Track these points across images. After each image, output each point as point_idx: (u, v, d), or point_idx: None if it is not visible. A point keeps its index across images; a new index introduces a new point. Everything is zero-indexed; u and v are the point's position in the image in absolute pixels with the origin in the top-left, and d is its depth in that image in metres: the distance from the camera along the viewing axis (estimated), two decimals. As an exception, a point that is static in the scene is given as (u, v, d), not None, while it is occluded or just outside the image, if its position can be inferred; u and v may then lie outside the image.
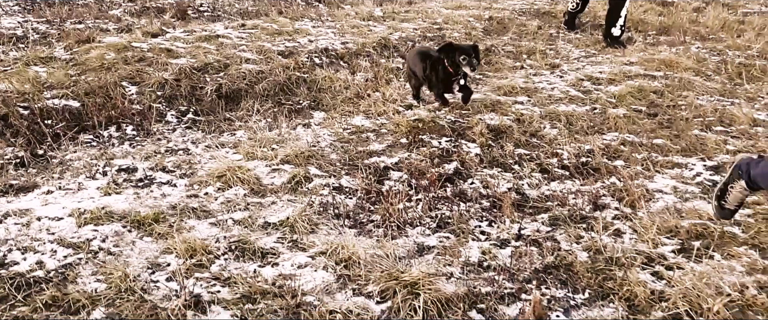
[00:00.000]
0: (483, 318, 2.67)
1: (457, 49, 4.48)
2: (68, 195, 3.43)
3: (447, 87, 4.72)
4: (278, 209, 3.47)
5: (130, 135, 4.57)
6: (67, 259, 2.81)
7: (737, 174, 3.15)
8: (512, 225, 3.44)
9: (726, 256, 3.15)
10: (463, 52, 4.42)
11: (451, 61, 4.49)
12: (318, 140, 4.42)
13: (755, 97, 5.58)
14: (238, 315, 2.56)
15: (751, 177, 3.05)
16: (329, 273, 2.90)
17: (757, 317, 2.69)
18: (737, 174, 3.15)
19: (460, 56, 4.41)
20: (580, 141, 4.57)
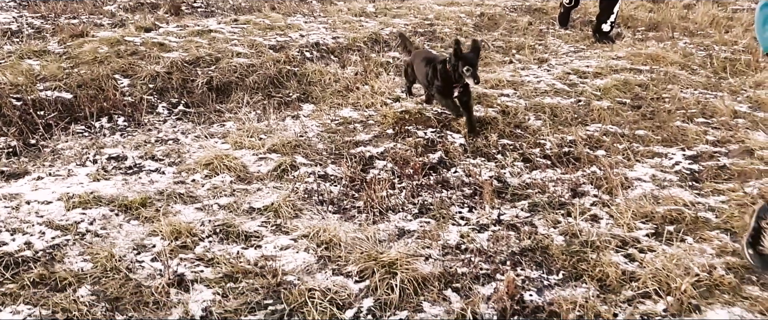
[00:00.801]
0: (458, 296, 2.75)
1: (461, 58, 4.24)
2: (58, 181, 3.51)
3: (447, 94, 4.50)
4: (263, 195, 3.55)
5: (121, 126, 4.65)
6: (55, 240, 2.90)
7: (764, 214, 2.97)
8: (492, 211, 3.52)
9: (698, 240, 3.24)
10: (467, 63, 4.23)
11: (454, 69, 4.29)
12: (305, 131, 4.50)
13: (738, 90, 5.66)
14: (220, 293, 2.65)
15: None
16: (310, 254, 2.98)
17: (723, 295, 2.78)
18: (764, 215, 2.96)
19: (464, 67, 4.22)
20: (563, 132, 4.65)
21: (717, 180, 3.94)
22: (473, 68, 4.22)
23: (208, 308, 2.55)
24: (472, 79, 4.21)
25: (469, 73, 4.21)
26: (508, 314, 2.62)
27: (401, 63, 5.73)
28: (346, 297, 2.69)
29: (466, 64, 4.21)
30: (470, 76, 4.21)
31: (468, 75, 4.22)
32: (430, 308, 2.67)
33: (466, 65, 4.21)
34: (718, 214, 3.49)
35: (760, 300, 2.74)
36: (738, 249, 3.13)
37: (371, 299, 2.69)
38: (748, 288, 2.84)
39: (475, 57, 4.30)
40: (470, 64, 4.22)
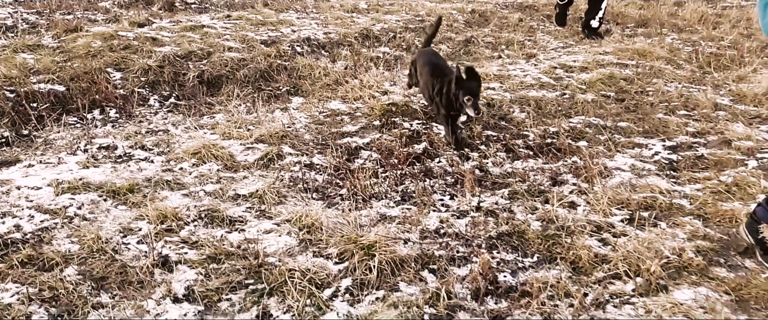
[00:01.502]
0: (434, 277, 2.84)
1: (462, 87, 4.01)
2: (48, 168, 3.60)
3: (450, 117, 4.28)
4: (249, 183, 3.64)
5: (112, 117, 4.74)
6: (44, 224, 2.99)
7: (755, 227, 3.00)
8: (473, 199, 3.61)
9: (671, 225, 3.33)
10: (468, 93, 3.98)
11: (455, 98, 4.06)
12: (293, 122, 4.59)
13: (722, 84, 5.76)
14: (203, 273, 2.74)
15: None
16: (292, 237, 3.07)
17: (691, 276, 2.87)
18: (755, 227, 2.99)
19: (464, 96, 3.98)
20: (546, 123, 4.74)
21: (694, 169, 4.03)
22: (474, 98, 3.99)
23: (191, 287, 2.63)
24: (473, 110, 3.99)
25: (470, 103, 3.98)
26: (481, 293, 2.71)
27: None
28: (325, 277, 2.78)
29: (468, 94, 3.98)
30: (471, 106, 3.98)
31: (469, 105, 3.98)
32: (407, 287, 2.76)
33: (468, 95, 3.98)
34: (692, 201, 3.58)
35: (726, 280, 2.83)
36: (709, 234, 3.23)
37: (350, 279, 2.78)
38: (716, 269, 2.93)
39: (477, 86, 4.08)
40: (472, 94, 3.98)
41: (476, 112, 4.00)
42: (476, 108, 4.00)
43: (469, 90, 3.99)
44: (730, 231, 3.26)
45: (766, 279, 2.84)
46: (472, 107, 3.99)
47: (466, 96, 3.99)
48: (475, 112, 4.00)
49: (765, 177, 3.81)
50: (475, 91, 4.02)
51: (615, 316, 2.59)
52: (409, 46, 6.81)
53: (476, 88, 4.05)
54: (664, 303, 2.65)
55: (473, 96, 3.98)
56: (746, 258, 3.02)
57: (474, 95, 3.99)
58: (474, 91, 4.01)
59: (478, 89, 4.08)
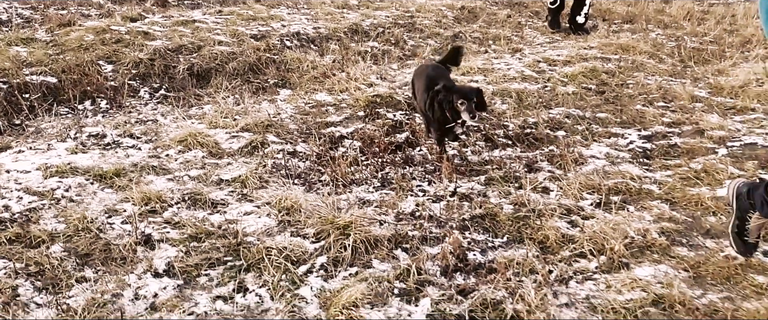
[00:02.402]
0: (406, 255, 2.95)
1: (455, 92, 3.69)
2: (38, 153, 3.72)
3: (443, 131, 3.93)
4: (233, 169, 3.76)
5: (103, 108, 4.86)
6: (32, 204, 3.11)
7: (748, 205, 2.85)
8: (450, 185, 3.73)
9: (639, 208, 3.45)
10: (462, 96, 3.63)
11: (448, 104, 3.71)
12: (279, 112, 4.71)
13: (701, 77, 5.88)
14: (183, 251, 2.85)
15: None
16: (272, 218, 3.19)
17: (653, 255, 2.99)
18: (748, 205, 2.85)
19: (458, 100, 3.62)
20: (527, 114, 4.86)
21: (666, 157, 4.16)
22: (468, 101, 3.59)
23: (171, 263, 2.75)
24: (469, 115, 3.59)
25: (464, 107, 3.60)
26: (450, 270, 2.83)
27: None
28: (302, 255, 2.89)
29: (461, 98, 3.61)
30: (465, 110, 3.60)
31: (463, 109, 3.61)
32: (380, 264, 2.88)
33: (461, 98, 3.61)
34: (661, 186, 3.70)
35: (686, 259, 2.95)
36: (675, 217, 3.35)
37: (325, 257, 2.89)
38: (678, 248, 3.05)
39: (470, 89, 3.73)
40: (465, 97, 3.61)
41: (472, 117, 3.58)
42: (471, 112, 3.57)
43: (462, 93, 3.65)
44: (694, 214, 3.38)
45: (724, 257, 2.96)
46: (467, 111, 3.58)
47: (459, 100, 3.60)
48: (471, 117, 3.58)
49: (733, 164, 3.93)
50: (468, 93, 3.66)
51: (576, 291, 2.71)
52: (398, 41, 6.93)
53: (469, 91, 3.70)
54: (624, 279, 2.76)
55: (467, 99, 3.59)
56: (708, 239, 3.14)
57: (467, 98, 3.60)
58: (467, 94, 3.64)
59: (471, 93, 3.68)
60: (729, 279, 2.80)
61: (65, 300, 2.46)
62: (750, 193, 2.82)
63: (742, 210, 2.86)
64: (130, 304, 2.50)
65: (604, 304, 2.59)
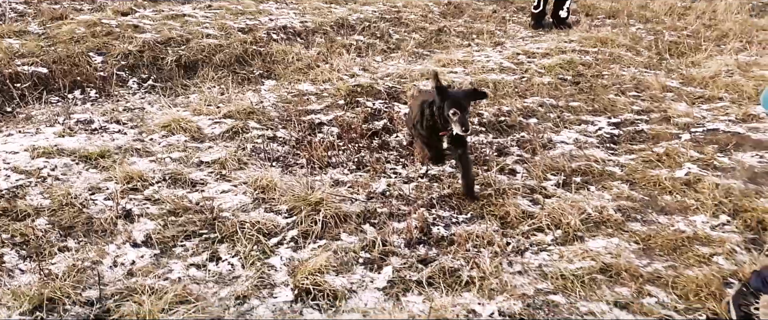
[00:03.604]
0: (373, 229, 3.12)
1: (448, 97, 3.28)
2: (27, 136, 3.88)
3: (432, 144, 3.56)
4: (213, 152, 3.92)
5: (92, 97, 5.02)
6: (19, 182, 3.27)
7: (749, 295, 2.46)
8: (422, 168, 3.89)
9: (600, 188, 3.62)
10: (454, 104, 3.24)
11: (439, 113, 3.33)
12: (261, 101, 4.87)
13: (676, 69, 6.05)
14: (162, 224, 3.02)
15: None
16: (247, 196, 3.36)
17: (608, 229, 3.16)
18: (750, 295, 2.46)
19: (450, 109, 3.23)
20: (502, 103, 5.03)
21: (632, 142, 4.33)
22: (461, 112, 3.22)
23: (149, 234, 2.91)
24: (460, 126, 3.21)
25: (455, 118, 3.22)
26: (413, 242, 2.99)
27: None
28: (274, 228, 3.06)
29: (453, 106, 3.23)
30: (458, 121, 3.22)
31: (455, 120, 3.23)
32: (347, 237, 3.05)
33: (453, 107, 3.22)
34: (623, 168, 3.87)
35: (638, 232, 3.12)
36: (633, 196, 3.52)
37: (296, 230, 3.06)
38: (632, 224, 3.22)
39: (464, 96, 3.37)
40: (457, 107, 3.23)
41: (464, 129, 3.21)
42: (464, 123, 3.21)
43: (454, 101, 3.26)
44: (652, 193, 3.56)
45: (673, 231, 3.13)
46: (459, 122, 3.22)
47: (451, 109, 3.23)
48: (463, 129, 3.21)
49: (694, 148, 4.11)
50: (462, 101, 3.28)
51: (530, 260, 2.88)
52: (383, 35, 7.09)
53: (462, 99, 3.31)
54: (576, 250, 2.93)
55: (459, 109, 3.22)
56: (661, 215, 3.31)
57: (460, 107, 3.23)
58: (460, 102, 3.26)
59: (466, 101, 3.33)
60: (675, 251, 2.97)
61: (48, 266, 2.62)
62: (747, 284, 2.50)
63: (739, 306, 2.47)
64: (109, 270, 2.66)
65: (554, 272, 2.76)
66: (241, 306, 2.50)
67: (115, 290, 2.51)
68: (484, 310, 2.48)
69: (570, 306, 2.53)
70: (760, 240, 3.05)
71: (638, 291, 2.65)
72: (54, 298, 2.40)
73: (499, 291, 2.62)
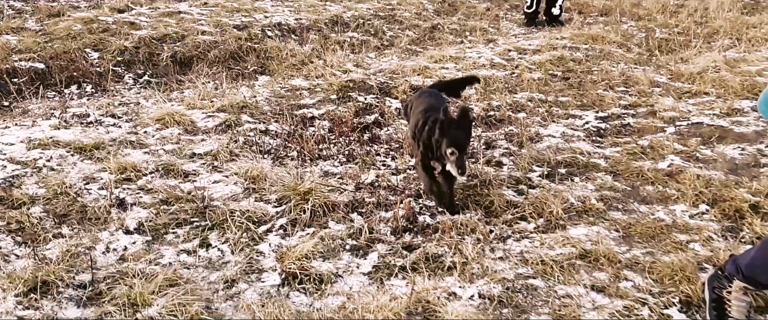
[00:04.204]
0: (361, 218, 3.20)
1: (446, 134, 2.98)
2: (23, 129, 3.96)
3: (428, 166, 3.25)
4: (206, 144, 4.00)
5: (89, 92, 5.10)
6: (15, 172, 3.35)
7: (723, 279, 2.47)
8: (411, 160, 3.97)
9: (584, 179, 3.70)
10: (454, 144, 2.95)
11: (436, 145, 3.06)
12: (254, 95, 4.95)
13: (665, 65, 6.13)
14: (154, 213, 3.10)
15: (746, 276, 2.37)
16: (238, 186, 3.44)
17: (590, 218, 3.24)
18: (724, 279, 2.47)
19: (448, 148, 2.96)
20: (492, 98, 5.11)
21: (618, 135, 4.41)
22: (460, 152, 2.96)
23: (141, 222, 2.99)
24: (456, 169, 2.97)
25: (453, 158, 2.96)
26: (399, 230, 3.07)
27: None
28: (263, 217, 3.14)
29: (451, 145, 2.95)
30: (455, 162, 2.96)
31: (452, 160, 2.97)
32: (335, 225, 3.13)
33: (451, 147, 2.95)
34: (608, 160, 3.95)
35: (618, 221, 3.20)
36: (616, 186, 3.60)
37: (285, 218, 3.14)
38: (613, 213, 3.30)
39: (466, 136, 3.05)
40: (458, 147, 2.96)
41: (461, 172, 2.97)
42: (461, 166, 2.95)
43: (454, 140, 2.96)
44: (634, 184, 3.64)
45: (653, 219, 3.21)
46: (456, 165, 2.96)
47: (449, 148, 2.95)
48: (459, 172, 2.97)
49: (678, 140, 4.19)
50: (463, 141, 3.00)
51: (512, 247, 2.96)
52: (377, 32, 7.17)
53: (465, 138, 3.03)
54: (557, 238, 3.01)
55: (459, 149, 2.96)
56: (643, 205, 3.39)
57: (460, 148, 2.97)
58: (461, 142, 2.98)
59: (467, 140, 3.06)
60: (654, 238, 3.06)
61: (42, 251, 2.70)
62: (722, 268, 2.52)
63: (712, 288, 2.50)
64: (102, 256, 2.74)
65: (535, 258, 2.84)
66: (229, 289, 2.57)
67: (108, 274, 2.59)
68: (464, 293, 2.56)
69: (548, 290, 2.61)
70: (737, 228, 3.13)
71: (616, 275, 2.73)
72: (48, 281, 2.48)
73: (480, 275, 2.70)
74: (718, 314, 2.45)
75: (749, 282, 2.37)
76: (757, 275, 2.32)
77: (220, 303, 2.48)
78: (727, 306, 2.44)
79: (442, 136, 3.00)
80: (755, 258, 2.33)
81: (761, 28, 7.37)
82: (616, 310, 2.47)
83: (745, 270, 2.35)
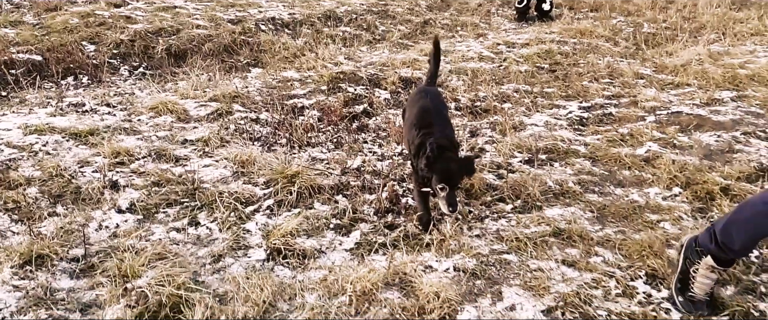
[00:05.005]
0: (345, 199, 3.32)
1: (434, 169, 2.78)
2: (20, 116, 4.08)
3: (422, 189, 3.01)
4: (198, 131, 4.12)
5: (85, 83, 5.21)
6: (12, 156, 3.47)
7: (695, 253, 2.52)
8: (397, 147, 4.09)
9: (563, 164, 3.83)
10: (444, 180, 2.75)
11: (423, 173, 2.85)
12: (246, 86, 5.07)
13: (650, 58, 6.25)
14: (146, 193, 3.22)
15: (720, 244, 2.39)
16: (228, 170, 3.56)
17: (566, 200, 3.36)
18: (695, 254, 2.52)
19: (438, 184, 2.77)
20: (478, 89, 5.23)
21: (600, 124, 4.53)
22: (451, 188, 2.77)
23: (133, 202, 3.11)
24: (447, 206, 2.77)
25: (443, 194, 2.77)
26: (382, 210, 3.19)
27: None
28: (251, 198, 3.26)
29: (442, 181, 2.76)
30: (445, 198, 2.76)
31: (442, 196, 2.78)
32: (320, 206, 3.24)
33: (442, 182, 2.76)
34: (588, 147, 4.07)
35: (593, 202, 3.32)
36: (593, 171, 3.72)
37: (272, 200, 3.26)
38: (589, 195, 3.42)
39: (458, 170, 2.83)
40: (448, 182, 2.76)
41: (451, 209, 2.76)
42: (452, 204, 2.76)
43: (444, 174, 2.77)
44: (611, 169, 3.76)
45: (628, 201, 3.33)
46: (446, 202, 2.76)
47: (439, 183, 2.76)
48: (450, 209, 2.76)
49: (656, 128, 4.31)
50: (454, 177, 2.81)
51: (489, 226, 3.08)
52: (369, 27, 7.29)
53: (457, 172, 2.82)
54: (533, 217, 3.13)
55: (449, 185, 2.76)
56: (618, 188, 3.52)
57: (451, 184, 2.77)
58: (451, 177, 2.79)
59: (459, 176, 2.85)
60: (627, 218, 3.18)
61: (37, 228, 2.82)
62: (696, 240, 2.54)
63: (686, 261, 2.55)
64: (95, 232, 2.86)
65: (510, 235, 2.96)
66: (216, 264, 2.69)
67: (100, 249, 2.71)
68: (440, 266, 2.68)
69: (521, 264, 2.73)
70: (707, 209, 3.25)
71: (587, 251, 2.85)
72: (43, 255, 2.59)
73: (457, 251, 2.82)
74: (682, 287, 2.53)
75: (722, 250, 2.38)
76: (731, 238, 2.33)
77: (207, 276, 2.60)
78: (691, 282, 2.51)
79: (429, 170, 2.80)
80: (730, 222, 2.36)
81: (748, 23, 7.49)
82: (585, 282, 2.59)
83: (720, 234, 2.37)
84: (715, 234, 2.41)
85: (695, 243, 2.53)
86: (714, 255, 2.43)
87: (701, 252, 2.49)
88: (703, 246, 2.48)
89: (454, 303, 2.41)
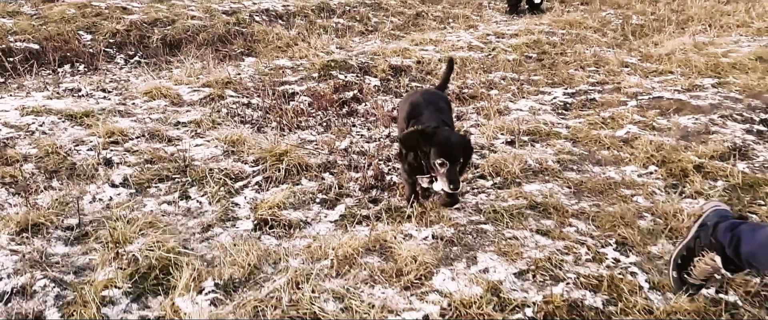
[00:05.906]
0: (332, 177, 3.44)
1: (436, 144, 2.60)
2: (17, 99, 4.19)
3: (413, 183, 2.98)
4: (191, 114, 4.23)
5: (81, 71, 5.32)
6: (9, 135, 3.58)
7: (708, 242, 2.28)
8: (385, 130, 4.21)
9: (545, 145, 3.95)
10: (444, 154, 2.58)
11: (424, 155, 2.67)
12: (239, 73, 5.18)
13: (637, 48, 6.38)
14: (139, 170, 3.33)
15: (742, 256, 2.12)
16: (218, 149, 3.67)
17: (545, 177, 3.48)
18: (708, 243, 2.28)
19: (437, 159, 2.60)
20: (466, 77, 5.35)
21: (583, 109, 4.65)
22: (451, 163, 2.59)
23: (126, 177, 3.23)
24: (447, 183, 2.59)
25: (443, 170, 2.60)
26: (367, 186, 3.31)
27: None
28: (240, 174, 3.38)
29: (441, 155, 2.58)
30: (445, 175, 2.59)
31: (442, 172, 2.60)
32: (307, 183, 3.36)
33: (441, 157, 2.58)
34: (569, 129, 4.19)
35: (571, 179, 3.44)
36: (573, 151, 3.84)
37: (260, 176, 3.38)
38: (568, 173, 3.54)
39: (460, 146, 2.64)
40: (447, 157, 2.58)
41: (453, 187, 2.58)
42: (453, 181, 2.57)
43: (444, 147, 2.60)
44: (591, 149, 3.88)
45: (604, 178, 3.45)
46: (446, 178, 2.58)
47: (439, 158, 2.58)
48: (452, 187, 2.58)
49: (637, 112, 4.43)
50: (455, 151, 2.60)
51: (469, 200, 3.19)
52: (362, 18, 7.41)
53: (457, 145, 2.62)
54: (512, 192, 3.25)
55: (450, 161, 2.59)
56: (596, 166, 3.64)
57: (452, 159, 2.59)
58: (452, 150, 2.60)
59: (459, 150, 2.63)
60: (602, 193, 3.30)
61: (34, 200, 2.93)
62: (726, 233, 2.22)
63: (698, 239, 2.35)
64: (89, 204, 2.97)
65: (488, 208, 3.08)
66: (205, 233, 2.81)
67: (93, 218, 2.83)
68: (419, 234, 2.79)
69: (496, 233, 2.85)
70: (681, 185, 3.37)
71: (561, 222, 2.97)
72: (39, 223, 2.71)
73: (436, 222, 2.93)
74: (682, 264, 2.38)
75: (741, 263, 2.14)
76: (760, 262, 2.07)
77: (196, 243, 2.71)
78: (692, 264, 2.34)
79: (428, 145, 2.61)
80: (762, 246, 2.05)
81: (734, 16, 7.62)
82: (557, 249, 2.71)
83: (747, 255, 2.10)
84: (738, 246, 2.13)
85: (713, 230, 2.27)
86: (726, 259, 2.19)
87: (713, 245, 2.24)
88: (721, 242, 2.21)
89: (430, 266, 2.52)
